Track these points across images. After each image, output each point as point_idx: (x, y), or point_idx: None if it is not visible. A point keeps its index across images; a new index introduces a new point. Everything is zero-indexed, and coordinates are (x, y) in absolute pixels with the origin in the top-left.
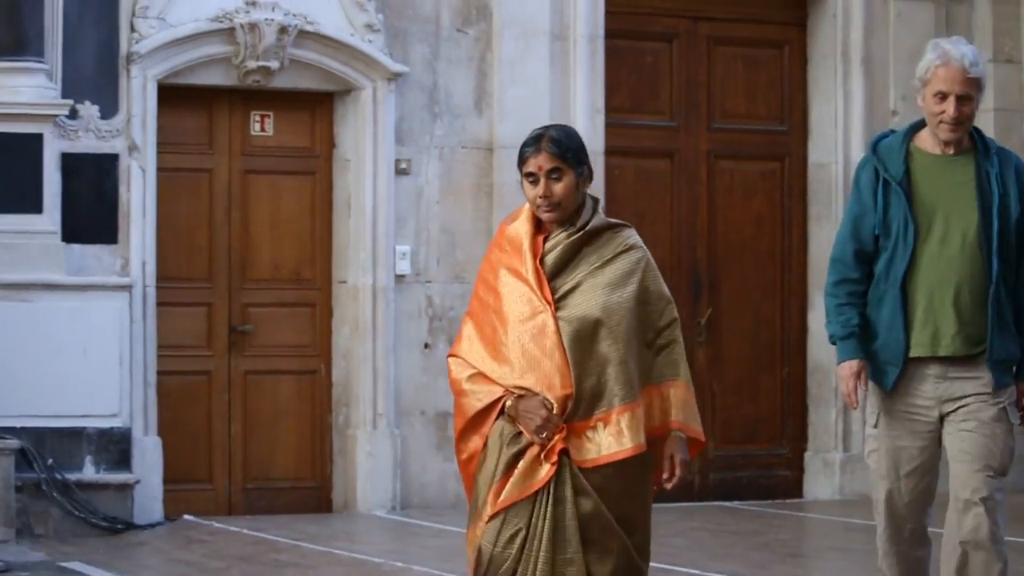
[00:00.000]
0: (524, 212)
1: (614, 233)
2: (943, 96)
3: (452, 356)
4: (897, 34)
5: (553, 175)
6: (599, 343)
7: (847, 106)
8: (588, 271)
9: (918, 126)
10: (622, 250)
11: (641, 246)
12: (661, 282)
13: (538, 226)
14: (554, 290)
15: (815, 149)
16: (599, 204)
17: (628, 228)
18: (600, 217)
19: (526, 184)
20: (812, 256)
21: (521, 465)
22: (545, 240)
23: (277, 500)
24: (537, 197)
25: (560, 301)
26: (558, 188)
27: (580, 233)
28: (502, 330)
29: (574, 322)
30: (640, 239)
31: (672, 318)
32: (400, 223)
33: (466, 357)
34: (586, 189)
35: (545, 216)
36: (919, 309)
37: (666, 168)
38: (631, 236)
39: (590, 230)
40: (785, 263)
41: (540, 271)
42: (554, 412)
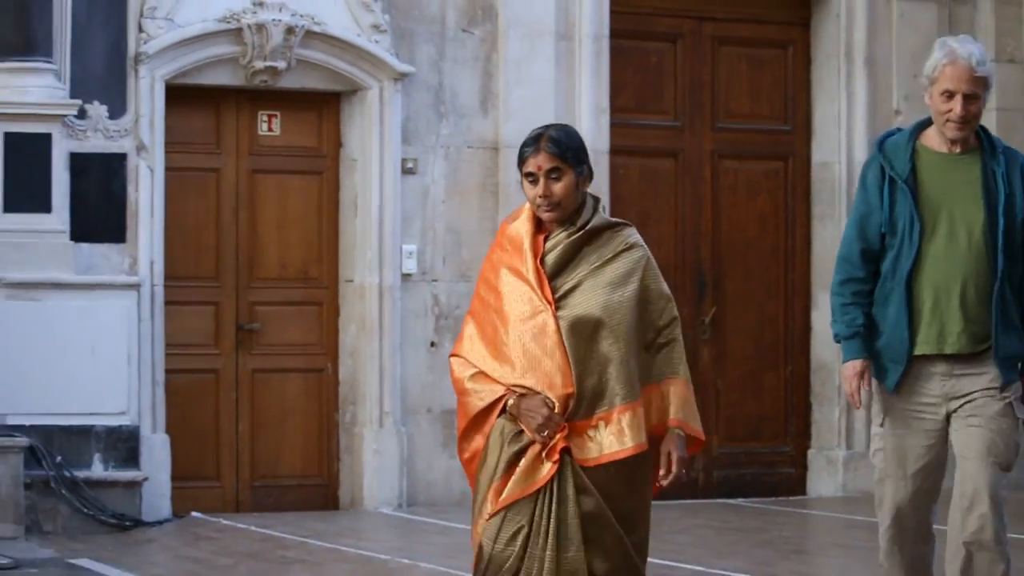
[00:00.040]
0: (525, 211)
1: (614, 232)
2: (950, 94)
3: (454, 356)
4: (900, 34)
5: (553, 175)
6: (600, 342)
7: (850, 106)
8: (589, 270)
9: (924, 124)
10: (622, 249)
11: (641, 245)
12: (661, 281)
13: (539, 225)
14: (555, 289)
15: (819, 149)
16: (600, 203)
17: (628, 227)
18: (600, 216)
19: (526, 184)
20: (815, 255)
21: (523, 463)
22: (546, 240)
23: (284, 497)
24: (537, 197)
25: (561, 300)
26: (558, 188)
27: (580, 232)
28: (503, 329)
29: (575, 321)
30: (640, 238)
31: (672, 317)
32: (406, 222)
33: (468, 356)
34: (586, 188)
35: (545, 216)
36: (925, 307)
37: (670, 168)
38: (631, 235)
39: (590, 229)
40: (789, 262)
41: (540, 270)
42: (555, 411)
